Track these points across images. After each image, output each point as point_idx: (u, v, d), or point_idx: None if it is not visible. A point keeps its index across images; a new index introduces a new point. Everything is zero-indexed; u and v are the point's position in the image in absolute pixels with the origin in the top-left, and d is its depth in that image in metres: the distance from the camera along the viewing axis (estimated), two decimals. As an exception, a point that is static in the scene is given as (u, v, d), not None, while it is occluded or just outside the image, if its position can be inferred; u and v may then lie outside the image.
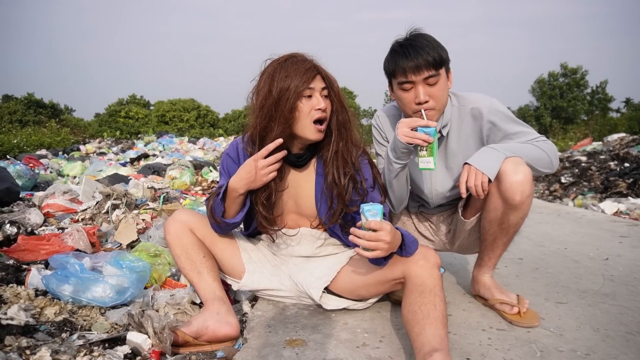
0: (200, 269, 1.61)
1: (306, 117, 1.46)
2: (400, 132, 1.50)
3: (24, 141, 11.89)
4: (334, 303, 1.66)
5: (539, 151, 1.59)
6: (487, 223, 1.64)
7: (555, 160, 1.63)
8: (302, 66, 1.45)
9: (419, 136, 1.47)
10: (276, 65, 1.48)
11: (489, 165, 1.51)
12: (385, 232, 1.29)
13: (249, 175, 1.49)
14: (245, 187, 1.50)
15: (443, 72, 1.60)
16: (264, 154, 1.46)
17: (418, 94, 1.58)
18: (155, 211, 2.87)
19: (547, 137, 1.68)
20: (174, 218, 1.65)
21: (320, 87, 1.47)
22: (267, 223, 1.61)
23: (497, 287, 1.75)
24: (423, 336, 1.26)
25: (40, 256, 2.24)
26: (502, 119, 1.65)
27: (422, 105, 1.58)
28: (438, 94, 1.59)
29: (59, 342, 1.46)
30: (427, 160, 1.50)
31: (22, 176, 4.63)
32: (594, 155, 6.68)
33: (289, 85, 1.43)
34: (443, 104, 1.64)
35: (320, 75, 1.48)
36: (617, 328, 1.57)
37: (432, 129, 1.47)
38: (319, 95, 1.47)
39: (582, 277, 2.14)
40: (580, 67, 34.44)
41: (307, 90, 1.45)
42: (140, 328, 1.49)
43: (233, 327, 1.52)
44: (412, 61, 1.55)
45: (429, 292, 1.34)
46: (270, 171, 1.49)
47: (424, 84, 1.57)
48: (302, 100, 1.46)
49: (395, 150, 1.56)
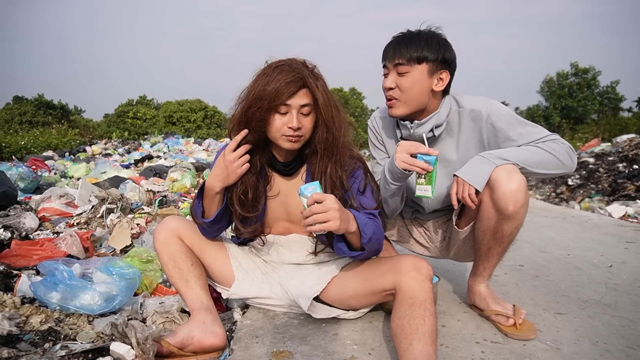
0: (188, 277, 1.58)
1: (277, 131, 1.43)
2: (399, 158, 1.44)
3: (31, 142, 12.00)
4: (323, 312, 1.62)
5: (542, 153, 1.52)
6: (481, 233, 1.58)
7: (566, 160, 1.53)
8: (286, 77, 1.37)
9: (418, 164, 1.41)
10: (265, 69, 1.44)
11: (476, 176, 1.47)
12: (330, 200, 1.27)
13: (222, 171, 1.47)
14: (220, 183, 1.48)
15: (422, 68, 1.55)
16: (232, 147, 1.45)
17: (385, 80, 1.60)
18: (150, 215, 2.85)
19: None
20: (163, 225, 1.63)
21: (299, 103, 1.40)
22: (243, 225, 1.57)
23: (493, 297, 1.69)
24: (410, 352, 1.21)
25: (32, 261, 2.21)
26: (502, 120, 1.58)
27: (387, 92, 1.60)
28: (405, 85, 1.57)
29: (40, 352, 1.43)
30: (425, 188, 1.44)
31: (25, 178, 4.63)
32: (602, 156, 6.55)
33: (264, 95, 1.38)
34: (413, 100, 1.59)
35: (307, 88, 1.41)
36: (617, 342, 1.51)
37: (433, 157, 1.40)
38: (295, 112, 1.40)
39: (584, 286, 2.07)
40: (592, 67, 34.02)
41: (283, 107, 1.40)
42: (124, 338, 1.46)
43: (219, 337, 1.49)
44: (392, 49, 1.58)
45: (418, 306, 1.29)
46: (242, 163, 1.47)
47: (395, 72, 1.58)
48: (274, 115, 1.41)
49: (392, 172, 1.51)
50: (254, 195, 1.54)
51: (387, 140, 1.79)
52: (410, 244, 1.97)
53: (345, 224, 1.33)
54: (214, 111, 31.86)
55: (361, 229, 1.37)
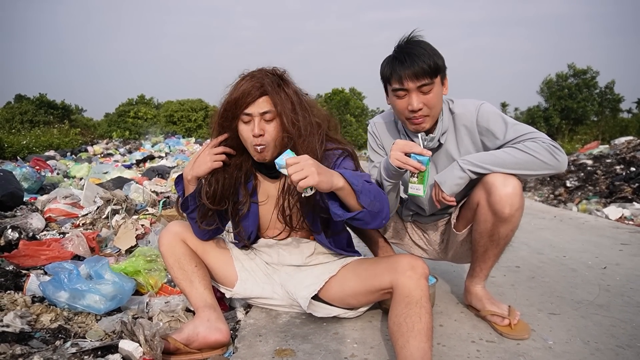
0: (192, 278, 1.64)
1: (246, 141, 1.50)
2: (393, 155, 1.47)
3: (33, 142, 12.05)
4: (323, 311, 1.67)
5: (519, 154, 1.51)
6: (478, 235, 1.64)
7: (548, 159, 1.50)
8: (247, 86, 1.44)
9: (411, 163, 1.44)
10: (236, 79, 1.51)
11: (445, 181, 1.58)
12: (304, 157, 1.25)
13: (196, 161, 1.56)
14: (192, 172, 1.56)
15: (438, 80, 1.59)
16: (214, 144, 1.55)
17: (411, 102, 1.57)
18: (154, 217, 2.90)
19: (549, 136, 1.59)
20: (167, 230, 1.69)
21: (258, 111, 1.45)
22: (206, 222, 1.61)
23: (489, 298, 1.74)
24: (407, 349, 1.27)
25: (40, 261, 2.27)
26: (490, 121, 1.62)
27: (416, 113, 1.58)
28: (432, 101, 1.59)
29: (52, 350, 1.48)
30: (417, 187, 1.47)
31: (29, 179, 4.69)
32: (600, 158, 6.61)
33: (228, 106, 1.48)
34: (437, 111, 1.64)
35: (267, 96, 1.45)
36: (608, 341, 1.56)
37: (425, 158, 1.44)
38: (257, 120, 1.45)
39: (578, 287, 2.13)
40: (590, 67, 34.07)
41: (245, 116, 1.47)
42: (132, 336, 1.51)
43: (223, 333, 1.54)
44: (408, 68, 1.55)
45: (415, 304, 1.34)
46: (214, 159, 1.54)
47: (418, 92, 1.57)
48: (241, 125, 1.49)
49: (387, 170, 1.55)
50: (221, 192, 1.59)
51: (388, 144, 1.84)
52: (409, 247, 2.02)
53: (328, 178, 1.27)
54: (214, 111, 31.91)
55: (349, 180, 1.31)
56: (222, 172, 1.59)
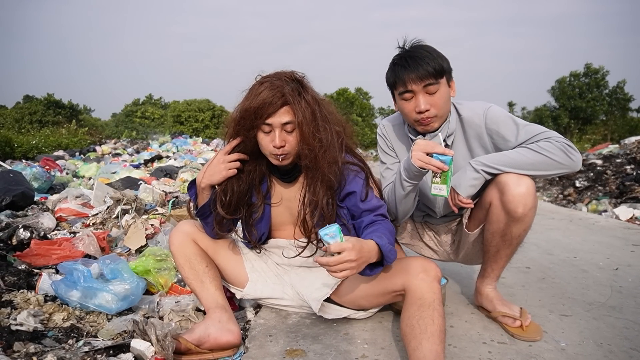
0: (203, 278, 1.64)
1: (265, 149, 1.49)
2: (415, 156, 1.45)
3: (42, 142, 12.16)
4: (334, 313, 1.67)
5: (532, 155, 1.51)
6: (490, 235, 1.63)
7: (562, 158, 1.50)
8: (267, 95, 1.40)
9: (433, 163, 1.42)
10: (253, 85, 1.48)
11: (460, 183, 1.58)
12: (348, 252, 1.26)
13: (209, 168, 1.55)
14: (205, 180, 1.56)
15: (444, 81, 1.59)
16: (227, 150, 1.54)
17: (418, 103, 1.58)
18: (164, 216, 2.92)
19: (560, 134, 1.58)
20: (178, 229, 1.69)
21: (280, 122, 1.42)
22: (220, 228, 1.62)
23: (500, 299, 1.73)
24: (419, 351, 1.26)
25: (51, 261, 2.29)
26: (499, 123, 1.62)
27: (424, 114, 1.58)
28: (439, 102, 1.59)
29: (65, 348, 1.50)
30: (440, 187, 1.45)
31: (39, 178, 4.74)
32: (610, 158, 6.55)
33: (247, 114, 1.44)
34: (445, 112, 1.64)
35: (288, 105, 1.42)
36: (621, 343, 1.55)
37: (448, 157, 1.42)
38: (278, 131, 1.43)
39: (590, 288, 2.11)
40: (602, 67, 33.90)
41: (265, 126, 1.44)
42: (144, 335, 1.52)
43: (235, 335, 1.55)
44: (412, 71, 1.56)
45: (427, 306, 1.33)
46: (229, 167, 1.53)
47: (424, 93, 1.57)
48: (259, 133, 1.47)
49: (408, 171, 1.52)
50: (236, 200, 1.58)
51: (399, 145, 1.83)
52: (420, 247, 2.02)
53: (365, 263, 1.33)
54: (222, 111, 32.04)
55: (385, 256, 1.38)
56: (237, 179, 1.58)
